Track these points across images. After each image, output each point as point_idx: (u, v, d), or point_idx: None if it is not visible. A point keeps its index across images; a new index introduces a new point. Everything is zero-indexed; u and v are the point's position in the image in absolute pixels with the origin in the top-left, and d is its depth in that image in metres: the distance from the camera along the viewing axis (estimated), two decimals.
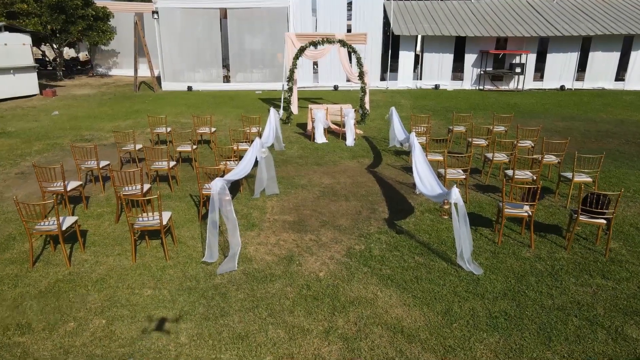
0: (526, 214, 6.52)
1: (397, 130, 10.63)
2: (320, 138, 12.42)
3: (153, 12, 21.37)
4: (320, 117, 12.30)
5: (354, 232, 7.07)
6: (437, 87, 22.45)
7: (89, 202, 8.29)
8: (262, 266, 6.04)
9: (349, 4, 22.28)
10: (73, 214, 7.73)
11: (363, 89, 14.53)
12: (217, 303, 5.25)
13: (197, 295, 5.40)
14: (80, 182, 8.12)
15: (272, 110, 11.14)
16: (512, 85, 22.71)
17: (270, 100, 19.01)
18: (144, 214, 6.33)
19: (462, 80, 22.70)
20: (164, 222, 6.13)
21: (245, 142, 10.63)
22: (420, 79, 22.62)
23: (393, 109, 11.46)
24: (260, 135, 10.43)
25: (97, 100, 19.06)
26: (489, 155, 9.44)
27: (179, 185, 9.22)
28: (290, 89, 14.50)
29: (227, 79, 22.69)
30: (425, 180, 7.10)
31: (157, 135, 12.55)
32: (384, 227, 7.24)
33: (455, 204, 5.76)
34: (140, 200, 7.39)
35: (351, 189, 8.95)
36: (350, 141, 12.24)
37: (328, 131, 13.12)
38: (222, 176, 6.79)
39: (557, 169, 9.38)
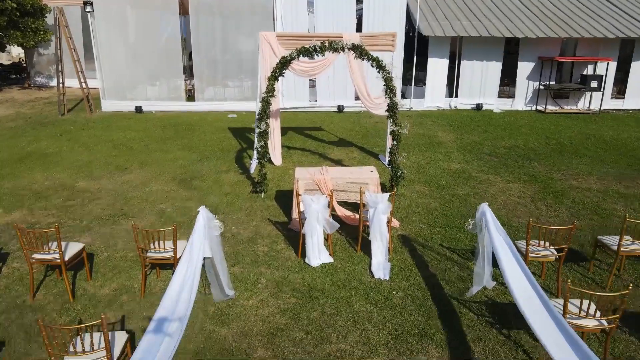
0: None
1: (519, 286, 3.82)
2: (317, 257, 5.61)
3: (85, 4, 14.50)
4: (317, 210, 5.45)
5: None
6: (479, 107, 15.61)
7: None
8: None
9: None
10: None
11: (395, 135, 7.63)
12: None
13: None
14: None
15: (202, 215, 4.44)
16: (580, 104, 15.86)
17: (247, 130, 12.17)
18: None
19: (513, 98, 15.84)
20: None
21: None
22: (456, 95, 15.77)
23: (485, 208, 4.62)
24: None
25: None
26: None
27: None
28: (265, 134, 7.66)
29: (191, 95, 15.84)
30: None
31: None
32: None
33: None
34: None
35: None
36: (380, 268, 5.43)
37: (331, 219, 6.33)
38: None
39: None
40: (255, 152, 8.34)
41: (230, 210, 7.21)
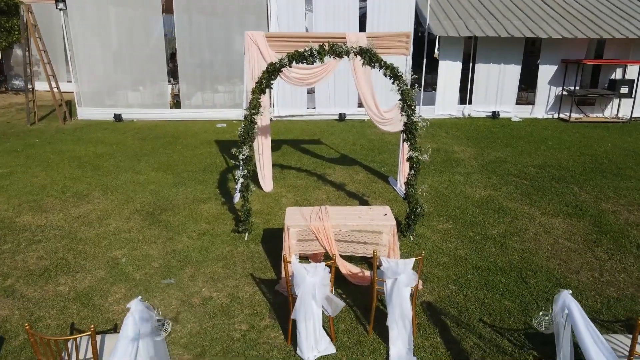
0: None
1: None
2: (313, 347, 3.98)
3: (57, 0, 12.86)
4: (314, 285, 3.83)
5: None
6: (495, 115, 13.97)
7: None
8: None
9: None
10: None
11: (414, 162, 5.95)
12: None
13: None
14: None
15: (134, 316, 2.74)
16: (607, 112, 14.22)
17: (235, 144, 10.48)
18: None
19: (533, 104, 14.19)
20: None
21: None
22: (470, 102, 14.13)
23: (568, 299, 3.01)
24: None
25: None
26: None
27: None
28: (249, 160, 6.04)
29: (176, 101, 14.19)
30: None
31: None
32: None
33: None
34: None
35: None
36: None
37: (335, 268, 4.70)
38: None
39: None
40: (238, 183, 6.71)
41: (204, 260, 5.58)
